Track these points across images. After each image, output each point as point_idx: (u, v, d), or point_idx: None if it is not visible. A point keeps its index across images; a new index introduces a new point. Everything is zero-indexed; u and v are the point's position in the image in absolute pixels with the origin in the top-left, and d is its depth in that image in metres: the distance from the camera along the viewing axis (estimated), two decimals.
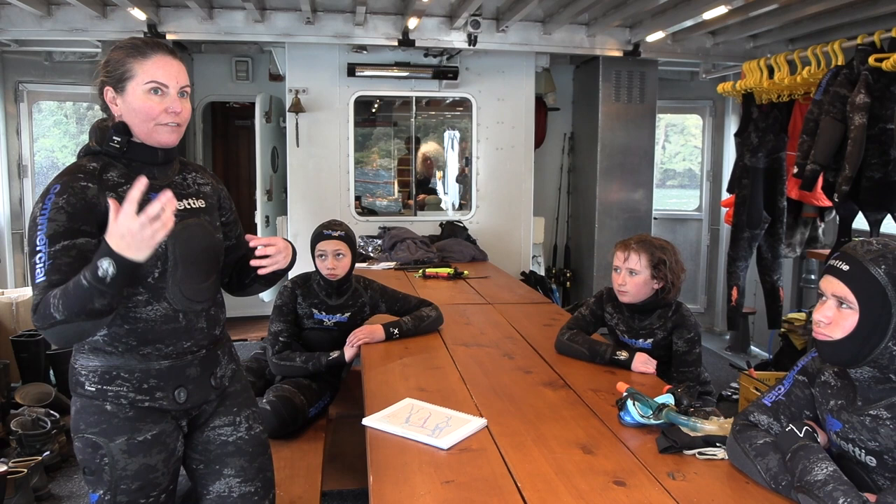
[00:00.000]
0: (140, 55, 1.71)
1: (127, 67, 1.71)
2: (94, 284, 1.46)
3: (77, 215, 1.62)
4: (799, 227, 4.78)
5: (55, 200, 1.61)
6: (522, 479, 1.68)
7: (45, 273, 1.57)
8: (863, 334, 1.48)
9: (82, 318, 1.50)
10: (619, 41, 5.60)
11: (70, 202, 1.62)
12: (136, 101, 1.70)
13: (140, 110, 1.70)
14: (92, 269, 1.47)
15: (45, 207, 1.61)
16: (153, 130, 1.73)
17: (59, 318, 1.50)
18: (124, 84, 1.71)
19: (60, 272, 1.57)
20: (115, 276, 1.46)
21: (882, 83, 3.58)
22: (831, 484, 1.43)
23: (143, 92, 1.70)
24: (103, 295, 1.48)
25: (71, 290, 1.50)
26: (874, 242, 1.52)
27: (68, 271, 1.57)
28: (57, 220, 1.60)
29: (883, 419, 1.50)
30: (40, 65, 5.83)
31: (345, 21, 5.23)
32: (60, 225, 1.60)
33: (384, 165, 7.40)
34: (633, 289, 2.61)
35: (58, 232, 1.59)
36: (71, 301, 1.49)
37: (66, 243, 1.59)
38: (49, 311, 1.51)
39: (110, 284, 1.47)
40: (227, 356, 1.95)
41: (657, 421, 1.95)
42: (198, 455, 1.92)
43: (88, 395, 1.73)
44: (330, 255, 3.01)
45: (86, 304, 1.48)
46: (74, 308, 1.49)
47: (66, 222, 1.60)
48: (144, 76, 1.70)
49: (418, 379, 2.47)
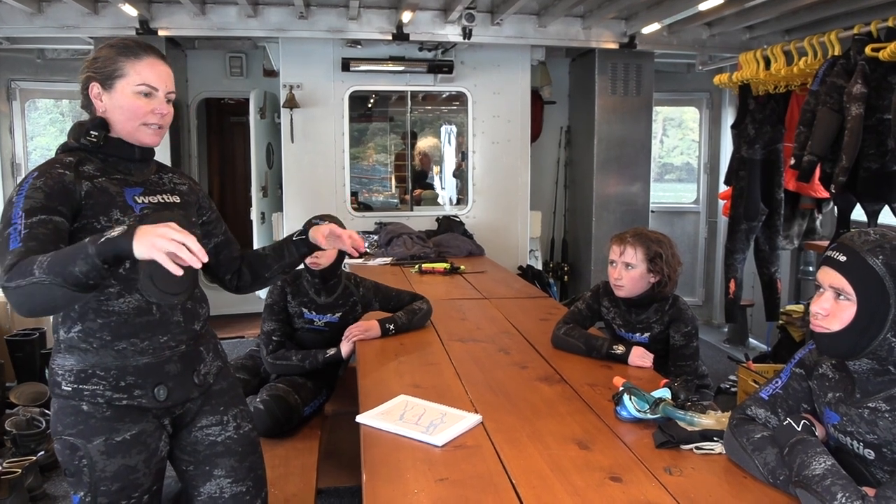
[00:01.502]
0: (133, 56, 1.75)
1: (118, 66, 1.74)
2: (91, 243, 1.43)
3: (54, 196, 1.62)
4: (796, 218, 4.76)
5: (33, 183, 1.62)
6: (517, 476, 1.66)
7: (21, 240, 1.53)
8: (861, 326, 1.46)
9: (59, 280, 1.44)
10: (615, 33, 5.57)
11: (47, 184, 1.62)
12: (124, 99, 1.74)
13: (127, 109, 1.74)
14: (100, 234, 1.46)
15: (22, 190, 1.61)
16: (137, 130, 1.76)
17: (38, 276, 1.44)
18: (113, 82, 1.74)
19: (37, 240, 1.54)
20: (111, 240, 1.42)
21: (879, 73, 3.55)
22: (830, 478, 1.41)
23: (133, 92, 1.74)
24: (86, 260, 1.43)
25: (66, 249, 1.48)
26: (871, 233, 1.50)
27: (45, 241, 1.55)
28: (34, 198, 1.59)
29: (881, 412, 1.48)
30: (32, 62, 5.80)
31: (338, 15, 5.19)
32: (38, 202, 1.59)
33: (380, 161, 7.37)
34: (629, 283, 2.59)
35: (34, 207, 1.58)
36: (59, 259, 1.45)
37: (44, 217, 1.58)
38: (30, 268, 1.45)
39: (101, 246, 1.42)
40: (212, 353, 1.93)
41: (654, 415, 1.93)
42: (186, 456, 1.90)
43: (65, 396, 1.71)
44: None
45: (68, 265, 1.43)
46: (57, 267, 1.44)
47: (44, 200, 1.60)
48: (136, 77, 1.74)
49: (413, 375, 2.45)
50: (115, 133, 1.76)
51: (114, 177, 1.75)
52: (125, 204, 1.73)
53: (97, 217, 1.67)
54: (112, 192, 1.72)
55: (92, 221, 1.67)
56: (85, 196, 1.67)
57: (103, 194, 1.70)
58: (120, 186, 1.74)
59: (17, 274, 1.48)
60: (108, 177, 1.73)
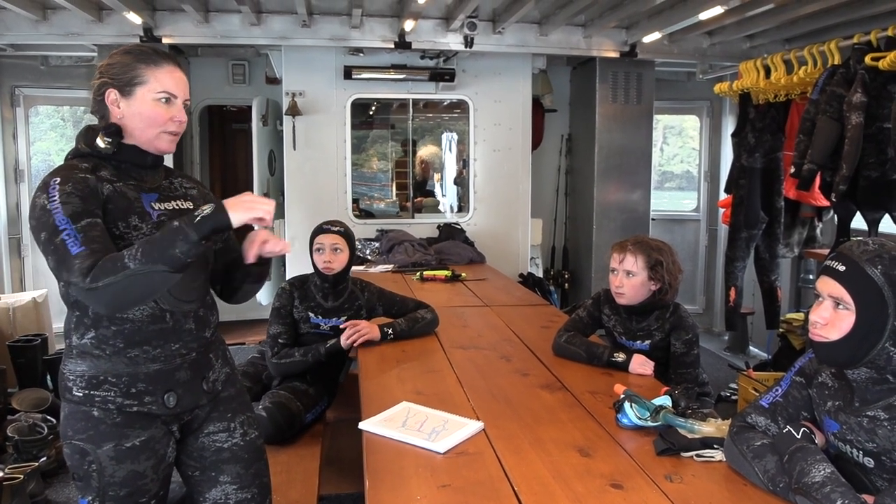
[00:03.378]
0: (153, 63, 1.75)
1: (138, 73, 1.74)
2: (186, 225, 1.55)
3: (88, 199, 1.63)
4: (797, 226, 4.77)
5: (61, 188, 1.62)
6: (519, 483, 1.67)
7: (82, 243, 1.56)
8: (859, 335, 1.47)
9: (159, 265, 1.53)
10: (616, 42, 5.60)
11: (77, 188, 1.63)
12: (144, 107, 1.74)
13: (147, 116, 1.74)
14: (187, 215, 1.58)
15: (53, 196, 1.61)
16: (156, 137, 1.77)
17: (133, 267, 1.52)
18: (133, 89, 1.74)
19: (97, 241, 1.57)
20: (207, 217, 1.57)
21: (879, 82, 3.57)
22: (829, 486, 1.42)
23: (153, 100, 1.74)
24: (186, 239, 1.54)
25: (157, 237, 1.56)
26: (870, 242, 1.51)
27: (104, 241, 1.59)
28: (72, 203, 1.60)
29: (880, 420, 1.49)
30: (36, 69, 5.83)
31: (341, 24, 5.23)
32: (77, 206, 1.60)
33: (382, 168, 7.40)
34: (629, 290, 2.60)
35: (77, 212, 1.59)
36: (155, 247, 1.54)
37: (90, 220, 1.60)
38: (121, 263, 1.53)
39: (198, 225, 1.56)
40: (221, 360, 1.94)
41: (654, 423, 1.94)
42: (193, 462, 1.91)
43: (76, 401, 1.72)
44: (327, 248, 3.01)
45: (167, 249, 1.54)
46: (155, 254, 1.53)
47: (82, 204, 1.61)
48: (157, 84, 1.74)
49: (415, 382, 2.46)
50: (129, 139, 1.76)
51: (129, 182, 1.75)
52: (143, 210, 1.74)
53: (116, 222, 1.68)
54: (131, 196, 1.73)
55: (111, 227, 1.67)
56: (107, 200, 1.68)
57: (122, 199, 1.71)
58: (137, 192, 1.75)
59: (102, 273, 1.52)
60: (123, 182, 1.74)
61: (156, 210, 1.77)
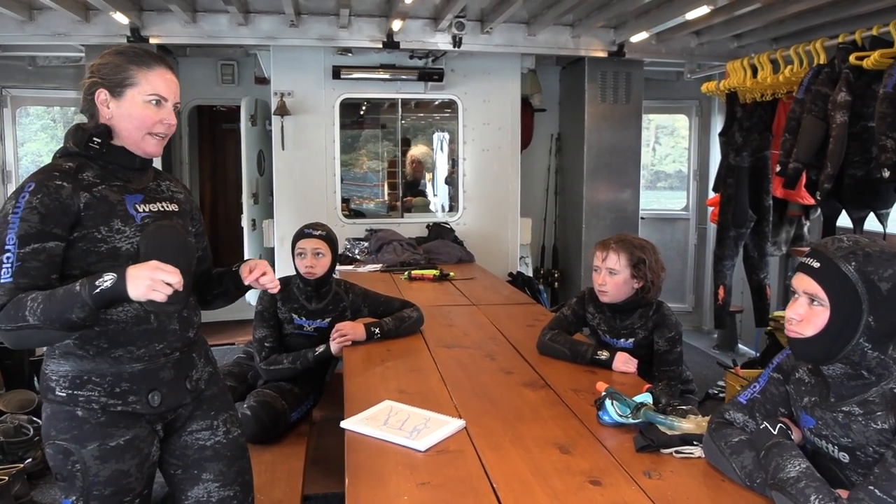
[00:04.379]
0: (144, 65, 1.76)
1: (129, 74, 1.74)
2: (85, 292, 1.52)
3: (49, 217, 1.62)
4: (784, 225, 4.79)
5: (29, 199, 1.62)
6: (498, 480, 1.67)
7: (12, 275, 1.57)
8: (834, 331, 1.48)
9: (56, 326, 1.53)
10: (604, 42, 5.61)
11: (44, 202, 1.62)
12: (134, 108, 1.74)
13: (136, 118, 1.74)
14: (91, 279, 1.54)
15: (19, 206, 1.61)
16: (143, 139, 1.77)
17: (32, 322, 1.53)
18: (123, 90, 1.74)
19: (28, 276, 1.58)
20: (106, 290, 1.53)
21: (863, 81, 3.60)
22: (804, 481, 1.43)
23: (143, 101, 1.74)
24: (83, 307, 1.52)
25: (59, 296, 1.54)
26: (845, 239, 1.52)
27: (36, 276, 1.59)
28: (29, 221, 1.60)
29: (855, 415, 1.50)
30: (24, 70, 5.81)
31: (329, 24, 5.22)
32: (32, 226, 1.60)
33: (372, 168, 7.39)
34: (612, 289, 2.61)
35: (29, 233, 1.59)
36: (54, 307, 1.52)
37: (37, 246, 1.60)
38: (22, 314, 1.53)
39: (97, 297, 1.52)
40: (204, 359, 1.95)
41: (635, 420, 1.94)
42: (175, 460, 1.91)
43: (59, 401, 1.72)
44: (309, 253, 3.00)
45: (64, 313, 1.52)
46: (53, 315, 1.53)
47: (39, 223, 1.61)
48: (148, 86, 1.75)
49: (399, 381, 2.46)
50: (118, 140, 1.76)
51: (114, 184, 1.75)
52: (126, 213, 1.74)
53: (97, 227, 1.68)
54: (113, 200, 1.72)
55: (92, 231, 1.68)
56: (84, 208, 1.67)
57: (103, 204, 1.70)
58: (120, 194, 1.75)
59: (6, 317, 1.55)
60: (107, 184, 1.74)
61: (140, 212, 1.77)
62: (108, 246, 1.67)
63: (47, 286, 1.59)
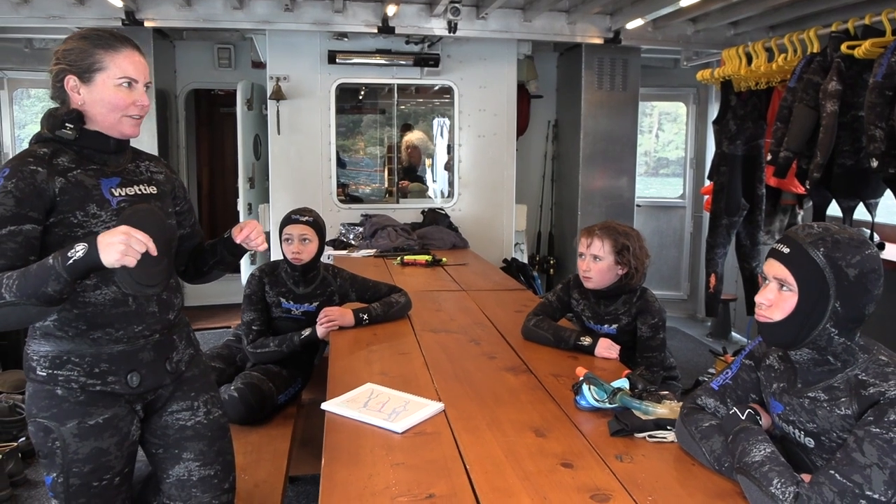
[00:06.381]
0: (111, 48, 1.75)
1: (97, 59, 1.73)
2: (59, 264, 1.51)
3: (25, 200, 1.63)
4: (777, 214, 4.79)
5: (3, 184, 1.63)
6: (472, 462, 1.70)
7: None
8: (801, 316, 1.50)
9: (32, 301, 1.53)
10: (600, 28, 5.59)
11: (18, 186, 1.63)
12: (105, 93, 1.74)
13: (109, 102, 1.74)
14: (63, 251, 1.52)
15: None
16: (119, 122, 1.77)
17: (9, 299, 1.53)
18: (92, 75, 1.73)
19: (5, 257, 1.59)
20: (79, 260, 1.51)
21: (854, 70, 3.59)
22: (767, 465, 1.45)
23: (114, 85, 1.74)
24: (58, 279, 1.52)
25: (33, 271, 1.53)
26: (815, 226, 1.53)
27: (13, 257, 1.60)
28: (4, 204, 1.61)
29: (820, 401, 1.52)
30: (20, 52, 5.81)
31: (324, 8, 5.20)
32: (8, 209, 1.61)
33: (368, 153, 7.40)
34: (597, 275, 2.63)
35: (4, 216, 1.61)
36: (29, 281, 1.52)
37: (13, 228, 1.61)
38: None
39: (70, 267, 1.51)
40: (185, 341, 1.97)
41: (612, 405, 1.97)
42: (156, 440, 1.94)
43: (40, 380, 1.75)
44: (296, 238, 3.02)
45: (40, 287, 1.52)
46: (28, 290, 1.52)
47: (14, 207, 1.62)
48: (117, 70, 1.74)
49: (382, 364, 2.49)
50: (92, 125, 1.76)
51: (89, 168, 1.75)
52: (102, 197, 1.74)
53: (73, 212, 1.69)
54: (88, 185, 1.73)
55: (68, 216, 1.68)
56: (59, 192, 1.68)
57: (79, 188, 1.71)
58: (96, 178, 1.75)
59: None
60: (83, 168, 1.74)
61: (116, 196, 1.77)
62: (85, 231, 1.68)
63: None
